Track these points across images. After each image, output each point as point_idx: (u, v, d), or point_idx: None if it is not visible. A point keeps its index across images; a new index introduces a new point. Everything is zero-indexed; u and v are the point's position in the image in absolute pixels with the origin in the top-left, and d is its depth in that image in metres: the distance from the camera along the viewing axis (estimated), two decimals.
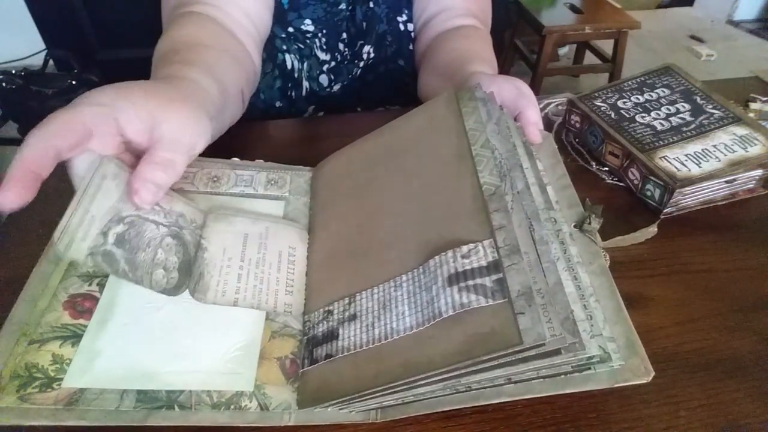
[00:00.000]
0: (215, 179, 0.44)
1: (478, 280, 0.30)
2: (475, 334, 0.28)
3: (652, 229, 0.46)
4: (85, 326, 0.34)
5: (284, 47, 0.65)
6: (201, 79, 0.41)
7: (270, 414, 0.32)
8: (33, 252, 0.38)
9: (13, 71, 1.80)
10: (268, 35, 0.62)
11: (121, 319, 0.35)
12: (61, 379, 0.32)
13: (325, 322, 0.35)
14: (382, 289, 0.34)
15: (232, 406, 0.32)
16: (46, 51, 1.92)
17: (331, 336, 0.34)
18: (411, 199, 0.37)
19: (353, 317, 0.34)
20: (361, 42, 0.67)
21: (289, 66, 0.67)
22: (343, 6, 0.64)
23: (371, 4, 0.65)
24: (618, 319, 0.32)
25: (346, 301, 0.35)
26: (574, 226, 0.36)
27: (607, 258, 0.36)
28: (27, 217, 0.46)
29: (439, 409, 0.32)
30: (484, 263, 0.30)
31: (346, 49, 0.67)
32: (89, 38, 1.97)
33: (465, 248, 0.31)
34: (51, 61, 1.91)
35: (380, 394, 0.31)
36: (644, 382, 0.30)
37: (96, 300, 0.36)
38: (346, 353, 0.32)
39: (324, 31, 0.65)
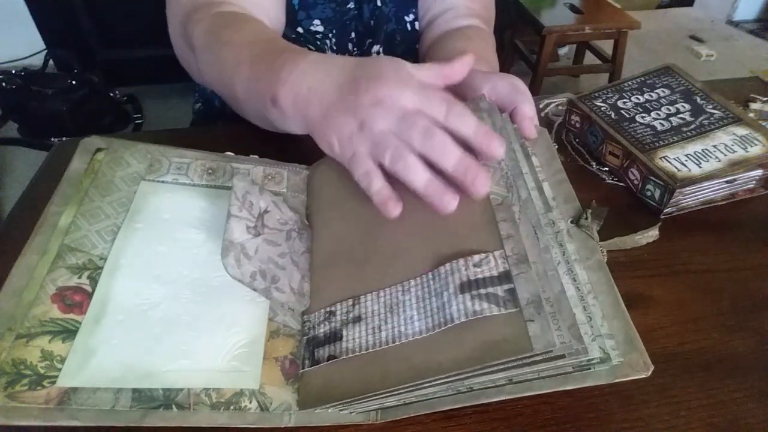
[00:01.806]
0: (210, 171, 0.44)
1: (490, 289, 0.30)
2: (487, 341, 0.29)
3: (653, 233, 0.46)
4: (76, 321, 0.33)
5: None
6: None
7: (270, 415, 0.32)
8: None
9: (13, 71, 1.80)
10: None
11: (117, 315, 0.34)
12: (52, 377, 0.30)
13: (326, 323, 0.35)
14: (388, 292, 0.34)
15: (231, 407, 0.32)
16: (46, 51, 1.92)
17: (335, 337, 0.34)
18: (417, 207, 0.37)
19: (358, 319, 0.34)
20: (370, 41, 0.67)
21: None
22: (351, 5, 0.64)
23: (378, 2, 0.65)
24: (616, 313, 0.32)
25: (350, 302, 0.35)
26: (571, 222, 0.36)
27: (604, 252, 0.36)
28: (27, 217, 0.46)
29: (439, 408, 0.32)
30: (495, 273, 0.31)
31: (355, 49, 0.67)
32: (89, 38, 1.97)
33: (477, 257, 0.32)
34: (51, 61, 1.91)
35: (384, 395, 0.31)
36: (644, 376, 0.30)
37: (86, 293, 0.34)
38: (351, 355, 0.32)
39: (334, 32, 0.64)
